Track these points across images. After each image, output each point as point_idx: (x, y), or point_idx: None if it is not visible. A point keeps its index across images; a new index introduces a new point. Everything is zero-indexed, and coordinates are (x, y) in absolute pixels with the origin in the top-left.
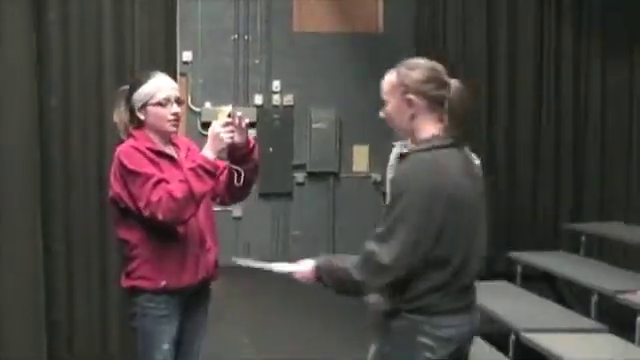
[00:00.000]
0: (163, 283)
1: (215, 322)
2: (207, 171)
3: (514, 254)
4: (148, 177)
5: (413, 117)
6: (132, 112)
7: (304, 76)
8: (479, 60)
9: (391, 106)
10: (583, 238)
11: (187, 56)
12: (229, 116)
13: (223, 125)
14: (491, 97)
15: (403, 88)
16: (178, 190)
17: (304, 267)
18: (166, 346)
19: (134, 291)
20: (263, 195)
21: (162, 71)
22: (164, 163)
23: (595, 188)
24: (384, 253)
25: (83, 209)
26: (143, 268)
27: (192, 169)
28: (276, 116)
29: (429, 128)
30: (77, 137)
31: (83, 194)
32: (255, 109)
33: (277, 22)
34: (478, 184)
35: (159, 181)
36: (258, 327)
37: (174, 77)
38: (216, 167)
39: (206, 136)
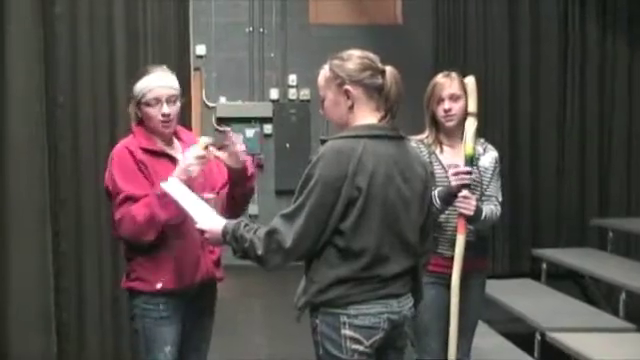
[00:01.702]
0: (159, 285)
1: (228, 323)
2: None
3: (538, 251)
4: (119, 192)
5: (351, 108)
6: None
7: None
8: (500, 50)
9: (328, 100)
10: (610, 234)
11: (201, 50)
12: (206, 148)
13: (196, 157)
14: (513, 89)
15: (339, 80)
16: (140, 214)
17: (214, 225)
18: (168, 348)
19: (133, 293)
20: (279, 192)
21: (175, 65)
22: (162, 162)
23: (622, 183)
24: (287, 235)
25: (94, 208)
26: (139, 270)
27: (156, 196)
28: (292, 111)
29: (367, 117)
30: (88, 134)
31: (94, 193)
32: (271, 104)
33: (293, 14)
34: (414, 179)
35: (126, 199)
36: (272, 327)
37: (187, 72)
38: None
39: (221, 132)
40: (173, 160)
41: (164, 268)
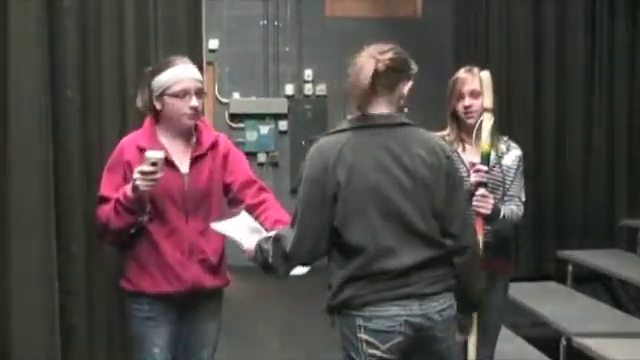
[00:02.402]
0: (141, 288)
1: (245, 327)
2: (125, 208)
3: (564, 253)
4: (99, 189)
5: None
6: (151, 99)
7: (338, 64)
8: (525, 44)
9: None
10: None
11: (213, 44)
12: (153, 164)
13: (140, 172)
14: (538, 86)
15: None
16: (102, 216)
17: (252, 244)
18: (156, 350)
19: (124, 292)
20: (295, 191)
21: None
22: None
23: None
24: (288, 239)
25: None
26: (128, 270)
27: (113, 201)
28: (308, 107)
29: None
30: (96, 131)
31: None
32: (286, 100)
33: (308, 6)
34: (416, 164)
35: (101, 199)
36: (290, 332)
37: (200, 66)
38: (135, 203)
39: (235, 129)
40: (171, 164)
41: (145, 271)
